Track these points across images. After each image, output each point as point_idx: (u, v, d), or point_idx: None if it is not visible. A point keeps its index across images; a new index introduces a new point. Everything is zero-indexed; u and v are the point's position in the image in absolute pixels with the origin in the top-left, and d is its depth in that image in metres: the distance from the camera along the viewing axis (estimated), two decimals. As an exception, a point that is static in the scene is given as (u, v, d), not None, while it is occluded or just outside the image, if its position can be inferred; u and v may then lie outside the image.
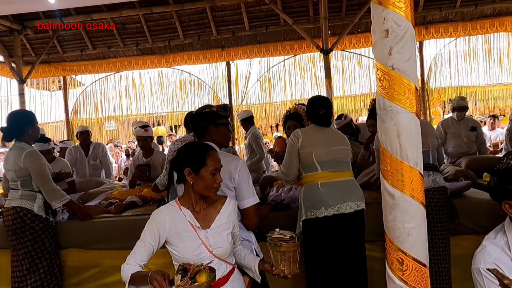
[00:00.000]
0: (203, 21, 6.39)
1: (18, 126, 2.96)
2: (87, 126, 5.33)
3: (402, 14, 1.26)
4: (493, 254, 1.37)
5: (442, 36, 6.49)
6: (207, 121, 2.11)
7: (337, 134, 2.83)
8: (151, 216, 1.78)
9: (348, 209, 2.53)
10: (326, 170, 2.60)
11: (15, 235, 2.93)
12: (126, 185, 4.38)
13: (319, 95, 3.07)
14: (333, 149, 2.65)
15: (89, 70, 7.27)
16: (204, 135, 2.12)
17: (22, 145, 2.95)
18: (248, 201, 1.99)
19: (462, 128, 4.90)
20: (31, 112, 3.20)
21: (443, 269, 2.68)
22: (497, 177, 1.40)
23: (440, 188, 2.74)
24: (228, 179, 1.98)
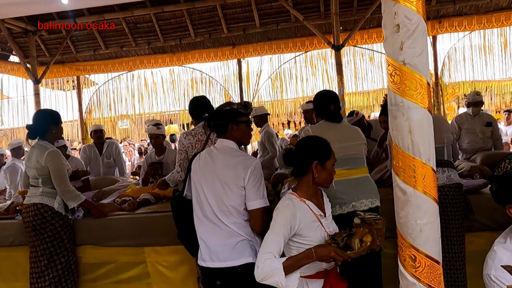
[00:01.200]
0: (213, 19, 6.41)
1: (44, 125, 3.04)
2: (101, 125, 5.40)
3: (413, 9, 1.24)
4: (503, 259, 1.35)
5: (456, 30, 6.38)
6: (228, 118, 2.07)
7: (351, 129, 2.75)
8: (280, 210, 1.78)
9: (362, 206, 2.50)
10: (340, 168, 2.52)
11: (35, 231, 3.00)
12: (139, 183, 4.43)
13: (325, 90, 2.98)
14: (346, 146, 2.58)
15: (102, 70, 7.37)
16: (225, 132, 2.09)
17: (45, 144, 3.03)
18: (256, 203, 1.96)
19: (477, 123, 4.81)
20: (57, 112, 3.25)
21: (458, 266, 2.65)
22: (497, 183, 1.38)
23: (455, 185, 2.69)
24: (239, 178, 1.96)
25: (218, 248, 1.99)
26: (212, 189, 2.02)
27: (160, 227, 3.19)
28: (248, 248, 1.98)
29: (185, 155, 3.03)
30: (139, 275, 3.24)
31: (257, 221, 1.97)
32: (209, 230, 2.03)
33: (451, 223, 2.65)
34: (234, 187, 1.96)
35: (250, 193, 1.95)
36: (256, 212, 1.96)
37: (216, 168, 2.03)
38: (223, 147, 2.09)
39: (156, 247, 3.20)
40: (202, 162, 2.12)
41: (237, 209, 1.98)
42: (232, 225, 1.98)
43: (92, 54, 7.10)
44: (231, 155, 2.04)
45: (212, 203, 2.01)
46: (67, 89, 10.92)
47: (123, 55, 7.12)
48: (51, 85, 10.81)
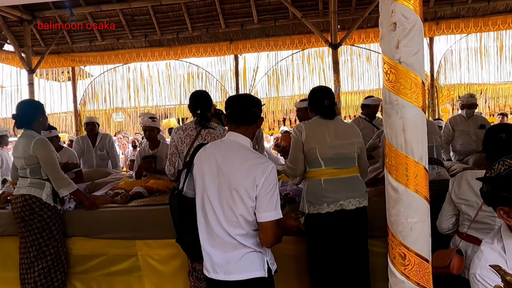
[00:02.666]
0: (211, 13, 6.38)
1: (30, 114, 3.01)
2: (94, 117, 5.34)
3: (410, 7, 1.24)
4: (490, 259, 1.37)
5: (453, 32, 6.41)
6: (260, 109, 1.91)
7: (345, 126, 2.69)
8: None
9: (350, 205, 2.49)
10: (330, 166, 2.54)
11: (24, 223, 2.98)
12: (132, 176, 4.41)
13: (321, 86, 2.91)
14: (338, 144, 2.55)
15: (97, 61, 7.31)
16: (253, 123, 1.86)
17: (31, 133, 2.99)
18: (267, 215, 1.70)
19: (471, 125, 4.85)
20: (39, 101, 3.28)
21: (446, 266, 2.67)
22: (489, 184, 1.39)
23: (444, 181, 2.72)
24: (251, 186, 1.70)
25: (223, 260, 1.78)
26: (219, 195, 1.77)
27: (152, 220, 3.19)
28: (256, 261, 1.78)
29: (175, 149, 3.00)
30: (130, 268, 3.24)
31: (267, 235, 1.72)
32: (213, 240, 1.81)
33: None
34: (245, 196, 1.71)
35: (262, 202, 1.70)
36: (267, 225, 1.70)
37: (224, 169, 1.76)
38: (235, 143, 1.82)
39: (148, 240, 3.20)
40: (207, 159, 1.84)
41: (246, 219, 1.75)
42: (239, 237, 1.75)
43: (88, 45, 7.04)
44: (243, 156, 1.77)
45: (218, 210, 1.77)
46: (61, 80, 10.84)
47: (119, 47, 7.06)
48: (45, 76, 10.72)
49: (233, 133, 1.84)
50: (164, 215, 3.14)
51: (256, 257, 1.78)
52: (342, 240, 2.51)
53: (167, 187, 3.89)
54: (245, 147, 1.82)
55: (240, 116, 1.85)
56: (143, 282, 3.23)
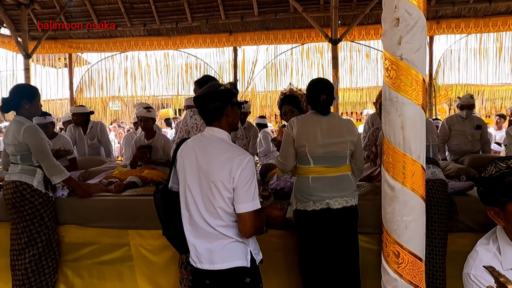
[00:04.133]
0: (211, 4, 6.33)
1: (15, 99, 2.93)
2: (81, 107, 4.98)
3: (414, 3, 1.23)
4: (484, 260, 1.37)
5: (453, 32, 6.40)
6: (225, 100, 1.84)
7: (339, 123, 2.56)
8: None
9: (336, 204, 2.44)
10: (319, 165, 2.49)
11: (15, 209, 2.95)
12: (127, 165, 4.39)
13: (320, 78, 2.79)
14: (329, 143, 2.47)
15: (95, 48, 7.25)
16: (220, 117, 1.85)
17: (21, 119, 2.94)
18: (244, 206, 1.72)
19: (467, 126, 4.86)
20: (33, 88, 3.12)
21: (439, 264, 2.68)
22: (482, 185, 1.40)
23: (439, 181, 2.71)
24: (227, 178, 1.73)
25: (206, 250, 1.82)
26: (199, 188, 1.81)
27: (145, 210, 3.16)
28: (239, 251, 1.81)
29: (185, 134, 2.85)
30: (122, 257, 3.23)
31: (245, 226, 1.74)
32: (196, 231, 1.85)
33: (435, 221, 2.67)
34: (222, 189, 1.74)
35: (239, 194, 1.73)
36: (245, 216, 1.73)
37: (202, 163, 1.80)
38: (213, 137, 1.86)
39: (141, 230, 3.18)
40: (187, 153, 1.88)
41: (226, 211, 1.78)
42: (220, 228, 1.79)
43: (86, 32, 6.97)
44: (220, 149, 1.80)
45: (199, 203, 1.81)
46: (58, 67, 10.73)
47: (117, 35, 7.01)
48: (42, 61, 10.60)
49: (210, 128, 1.89)
50: (158, 205, 3.14)
51: (238, 247, 1.81)
52: (329, 237, 2.48)
53: (162, 177, 3.87)
54: (222, 140, 1.85)
55: (204, 115, 1.90)
56: (134, 272, 3.22)
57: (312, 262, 2.54)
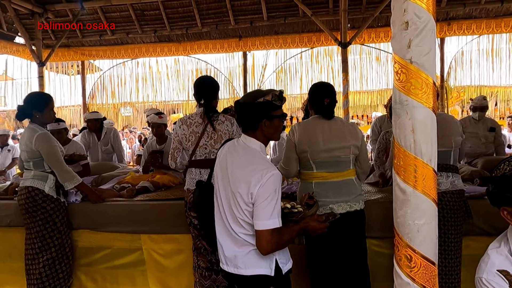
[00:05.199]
0: (221, 9, 6.37)
1: (27, 109, 3.01)
2: (95, 113, 5.11)
3: (423, 6, 1.23)
4: (496, 263, 1.35)
5: (465, 33, 6.33)
6: (261, 113, 1.76)
7: (343, 127, 2.52)
8: None
9: (340, 209, 2.42)
10: (321, 170, 2.46)
11: (28, 214, 3.01)
12: (139, 170, 4.43)
13: (322, 82, 2.77)
14: (332, 147, 2.44)
15: (107, 56, 7.35)
16: (255, 129, 1.78)
17: (34, 127, 3.01)
18: (261, 223, 1.64)
19: (481, 128, 4.79)
20: (45, 96, 3.15)
21: (453, 269, 2.64)
22: (494, 184, 1.37)
23: (458, 191, 2.65)
24: (245, 193, 1.67)
25: (231, 254, 1.79)
26: (226, 195, 1.79)
27: (157, 215, 3.20)
28: (262, 259, 1.75)
29: (178, 145, 2.85)
30: (134, 261, 3.26)
31: (261, 243, 1.66)
32: (224, 234, 1.83)
33: (449, 226, 2.64)
34: (241, 201, 1.69)
35: (257, 210, 1.65)
36: (262, 233, 1.65)
37: (230, 171, 1.77)
38: (244, 146, 1.81)
39: (153, 234, 3.21)
40: (222, 157, 1.86)
41: (247, 222, 1.72)
42: (243, 236, 1.75)
43: (98, 40, 7.08)
44: (247, 160, 1.75)
45: (226, 208, 1.79)
46: (71, 74, 10.91)
47: (128, 42, 7.09)
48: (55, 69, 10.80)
49: (245, 137, 1.83)
50: (169, 210, 3.17)
51: (262, 256, 1.73)
52: (336, 242, 2.45)
53: (173, 182, 3.90)
54: (253, 151, 1.78)
55: (239, 123, 1.84)
56: (147, 276, 3.24)
57: (320, 267, 2.53)
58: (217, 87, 2.89)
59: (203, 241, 2.84)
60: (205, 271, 2.83)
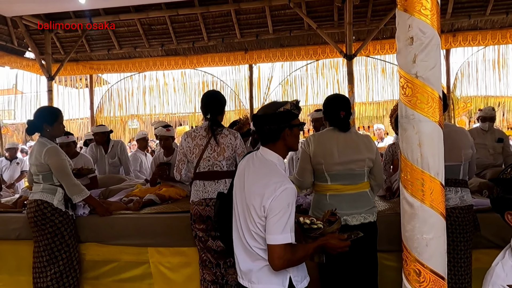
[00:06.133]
0: (227, 23, 6.46)
1: (38, 123, 3.05)
2: (101, 126, 5.16)
3: (428, 22, 1.24)
4: (501, 276, 1.33)
5: (470, 45, 6.34)
6: (282, 123, 1.75)
7: (356, 141, 2.52)
8: None
9: (354, 221, 2.42)
10: (336, 183, 2.47)
11: (37, 227, 3.03)
12: (146, 183, 4.45)
13: (337, 94, 2.76)
14: (346, 160, 2.44)
15: (115, 69, 7.46)
16: (276, 140, 1.76)
17: (44, 140, 3.05)
18: (272, 238, 1.61)
19: (488, 139, 4.76)
20: (55, 110, 3.23)
21: (464, 283, 2.60)
22: (501, 187, 1.36)
23: (467, 207, 2.61)
24: (258, 205, 1.64)
25: (246, 268, 1.78)
26: (242, 207, 1.78)
27: (164, 228, 3.20)
28: (275, 275, 1.71)
29: (182, 157, 2.89)
30: (141, 275, 3.26)
31: (272, 258, 1.62)
32: (240, 247, 1.82)
33: (459, 242, 2.60)
34: (254, 214, 1.67)
35: (269, 224, 1.62)
36: (272, 248, 1.61)
37: (246, 183, 1.76)
38: (262, 159, 1.79)
39: (160, 248, 3.21)
40: (241, 169, 1.86)
41: (260, 236, 1.69)
42: (257, 250, 1.72)
43: (106, 54, 7.19)
44: (262, 172, 1.73)
45: (242, 221, 1.78)
46: (79, 87, 11.06)
47: (136, 56, 7.19)
48: (64, 82, 10.97)
49: (264, 149, 1.81)
50: (176, 223, 3.18)
51: (275, 272, 1.70)
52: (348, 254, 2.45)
53: (180, 194, 3.91)
54: (270, 163, 1.76)
55: (259, 135, 1.82)
56: (154, 290, 3.23)
57: (332, 279, 2.52)
58: (223, 103, 2.94)
59: (208, 254, 2.84)
60: (211, 285, 2.83)
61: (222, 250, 2.80)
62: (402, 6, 1.28)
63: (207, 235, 2.82)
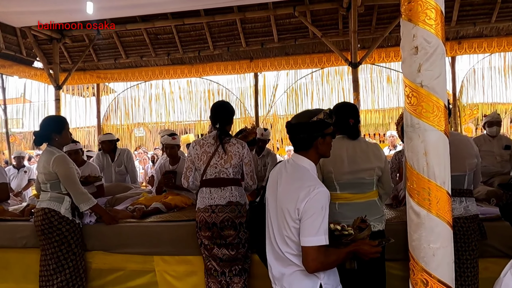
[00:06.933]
0: (232, 32, 6.51)
1: (46, 132, 3.09)
2: (109, 134, 5.20)
3: (432, 31, 1.25)
4: (510, 286, 1.32)
5: (476, 52, 6.32)
6: (316, 132, 1.79)
7: (365, 149, 2.52)
8: None
9: None
10: (345, 191, 2.46)
11: (44, 235, 3.04)
12: (152, 191, 4.47)
13: (345, 102, 2.76)
14: (356, 169, 2.44)
15: (122, 78, 7.52)
16: (309, 148, 1.81)
17: (52, 149, 3.08)
18: (307, 240, 1.63)
19: (495, 146, 4.72)
20: (61, 118, 3.28)
21: (472, 293, 2.58)
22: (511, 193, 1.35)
23: (471, 217, 2.58)
24: (292, 208, 1.68)
25: (279, 273, 1.81)
26: (275, 213, 1.81)
27: (170, 236, 3.21)
28: (306, 281, 1.74)
29: (190, 164, 2.93)
30: (147, 283, 3.25)
31: (306, 260, 1.65)
32: (271, 253, 1.86)
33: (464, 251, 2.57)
34: (288, 218, 1.70)
35: (303, 226, 1.65)
36: (307, 250, 1.64)
37: (279, 189, 1.81)
38: (294, 165, 1.83)
39: (165, 256, 3.21)
40: (273, 176, 1.90)
41: (293, 241, 1.72)
42: (289, 255, 1.75)
43: (113, 63, 7.27)
44: (296, 177, 1.77)
45: (275, 227, 1.81)
46: (86, 96, 11.17)
47: (142, 65, 7.26)
48: (71, 91, 11.08)
49: (297, 156, 1.85)
50: (182, 231, 3.18)
51: (307, 278, 1.73)
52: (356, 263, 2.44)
53: (185, 203, 3.92)
54: (303, 168, 1.80)
55: (292, 142, 1.86)
56: (159, 299, 3.23)
57: None
58: (233, 113, 3.01)
59: (213, 262, 2.84)
60: (216, 294, 2.82)
61: (227, 258, 2.81)
62: (406, 15, 1.29)
63: (213, 243, 2.82)
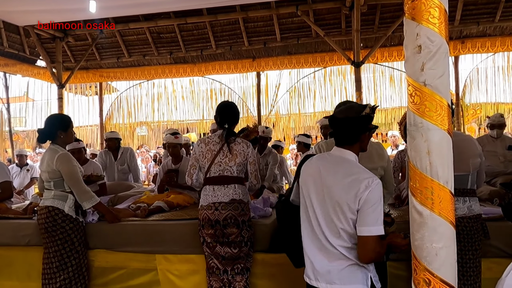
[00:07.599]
0: (235, 31, 6.52)
1: (51, 130, 3.09)
2: (115, 132, 5.27)
3: (435, 30, 1.24)
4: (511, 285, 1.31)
5: (479, 51, 6.30)
6: (364, 126, 1.79)
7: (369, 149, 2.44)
8: None
9: None
10: None
11: (47, 233, 3.05)
12: (154, 189, 4.48)
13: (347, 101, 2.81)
14: None
15: (124, 77, 7.54)
16: (355, 142, 1.80)
17: (55, 147, 3.08)
18: (367, 229, 1.65)
19: (499, 146, 4.70)
20: (66, 117, 3.29)
21: (474, 292, 2.57)
22: None
23: (474, 216, 2.57)
24: (352, 200, 1.67)
25: (324, 269, 1.77)
26: (322, 207, 1.78)
27: (172, 235, 3.21)
28: (359, 274, 1.74)
29: (194, 162, 2.93)
30: (149, 282, 3.26)
31: (365, 250, 1.66)
32: (316, 248, 1.81)
33: (467, 251, 2.56)
34: (347, 210, 1.69)
35: (364, 216, 1.66)
36: (367, 240, 1.65)
37: (327, 182, 1.77)
38: (340, 158, 1.82)
39: (168, 255, 3.22)
40: (312, 171, 1.86)
41: (348, 232, 1.72)
42: (341, 248, 1.73)
43: (116, 62, 7.28)
44: (347, 170, 1.75)
45: (321, 221, 1.78)
46: (89, 94, 11.20)
47: (145, 64, 7.28)
48: (74, 90, 11.11)
49: (339, 149, 1.84)
50: (185, 230, 3.18)
51: (359, 270, 1.74)
52: None
53: (188, 202, 3.92)
54: (351, 161, 1.80)
55: (336, 136, 1.86)
56: (161, 297, 3.23)
57: None
58: (238, 114, 3.03)
59: (215, 260, 2.84)
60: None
61: (229, 256, 2.80)
62: (410, 14, 1.28)
63: (215, 241, 2.82)
